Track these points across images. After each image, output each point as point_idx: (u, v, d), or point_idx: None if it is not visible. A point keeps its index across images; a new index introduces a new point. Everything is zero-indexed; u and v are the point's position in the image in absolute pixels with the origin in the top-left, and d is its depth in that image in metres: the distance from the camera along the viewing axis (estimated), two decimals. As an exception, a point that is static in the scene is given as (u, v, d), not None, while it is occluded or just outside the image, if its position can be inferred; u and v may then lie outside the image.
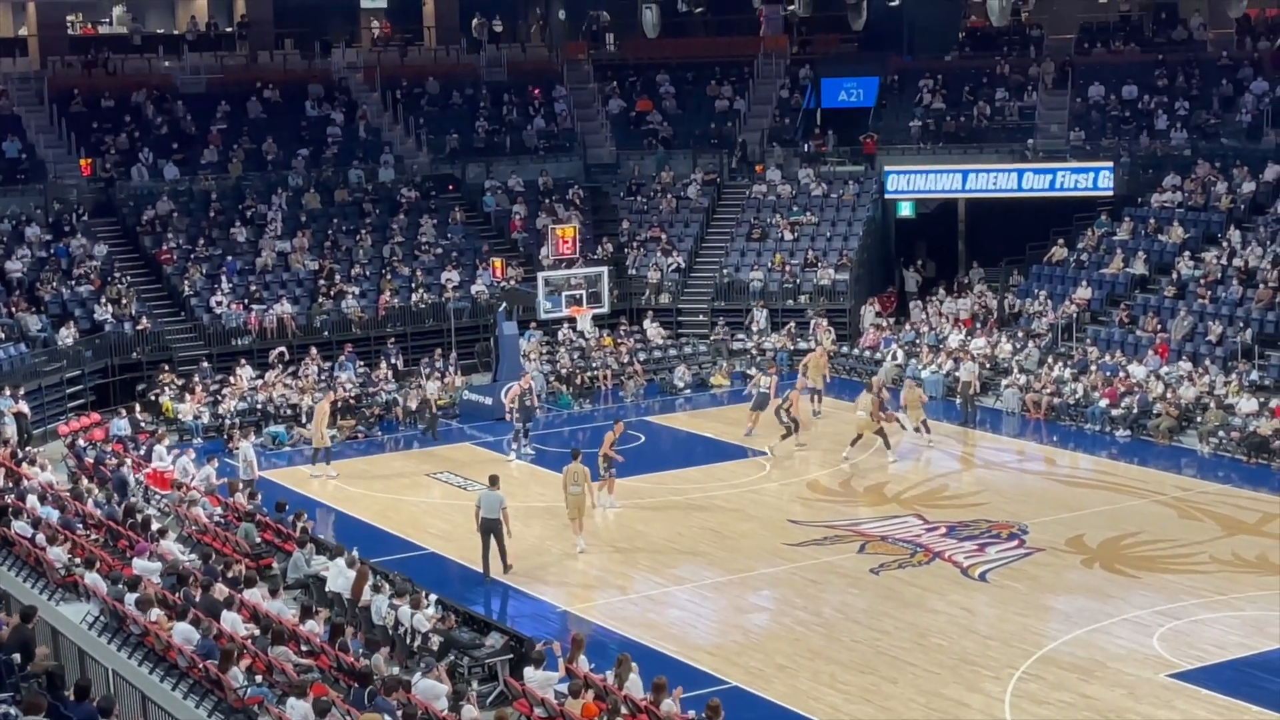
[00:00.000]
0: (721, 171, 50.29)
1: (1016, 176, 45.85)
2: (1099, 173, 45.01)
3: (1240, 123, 46.30)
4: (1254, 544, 27.82)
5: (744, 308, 45.77)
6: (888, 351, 42.55)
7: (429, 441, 37.14)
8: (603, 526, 29.88)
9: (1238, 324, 37.93)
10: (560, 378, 41.53)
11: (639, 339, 44.60)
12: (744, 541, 28.62)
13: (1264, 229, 41.16)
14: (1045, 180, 45.42)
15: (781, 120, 51.51)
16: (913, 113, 50.19)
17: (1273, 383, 35.98)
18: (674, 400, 41.25)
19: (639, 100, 52.79)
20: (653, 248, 47.58)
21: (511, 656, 21.20)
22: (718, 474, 33.41)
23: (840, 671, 22.43)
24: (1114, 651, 22.93)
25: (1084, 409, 37.08)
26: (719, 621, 24.80)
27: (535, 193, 48.87)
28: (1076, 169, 45.41)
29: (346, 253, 45.33)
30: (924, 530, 28.88)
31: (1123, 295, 41.57)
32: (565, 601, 26.09)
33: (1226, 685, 21.44)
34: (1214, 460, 33.81)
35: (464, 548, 28.59)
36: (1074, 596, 25.55)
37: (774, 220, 47.98)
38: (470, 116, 51.32)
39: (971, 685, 21.79)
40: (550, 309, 40.59)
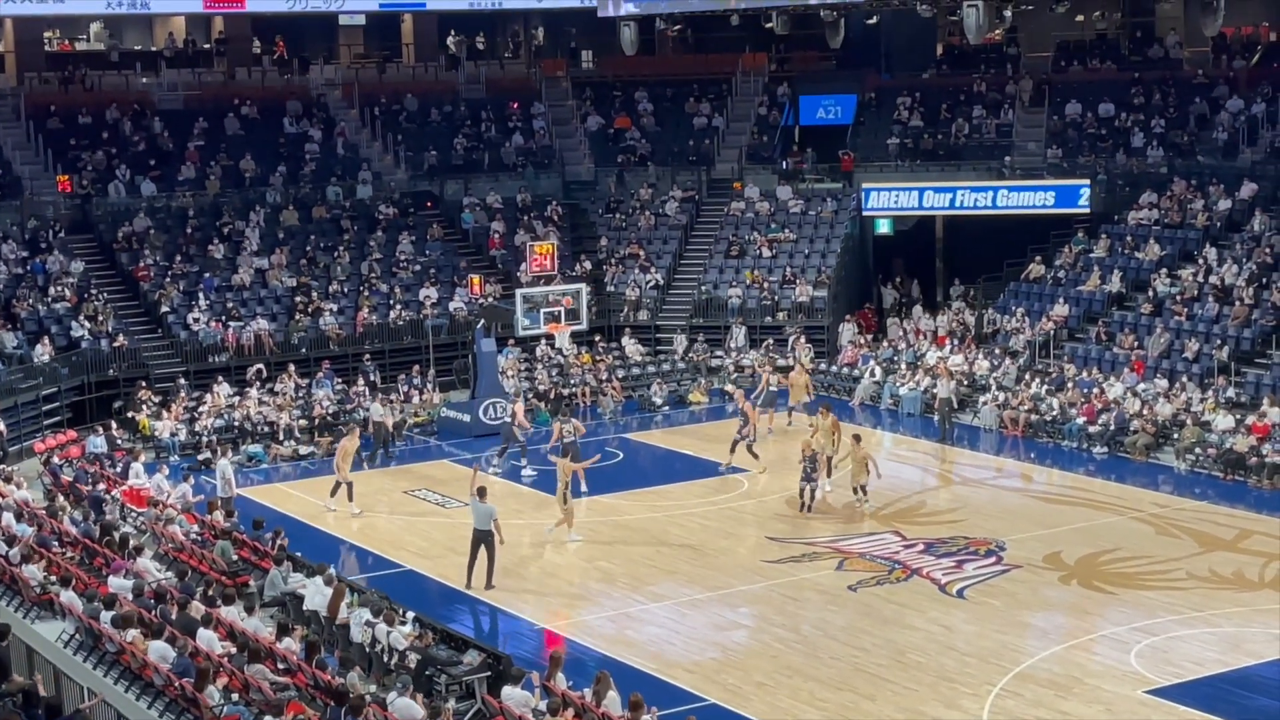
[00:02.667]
0: (700, 188, 50.37)
1: (994, 194, 46.00)
2: (1076, 190, 45.17)
3: (1216, 140, 46.52)
4: (1231, 561, 27.90)
5: (722, 325, 45.81)
6: (866, 369, 42.62)
7: (407, 459, 37.07)
8: (580, 545, 29.79)
9: (1214, 341, 38.08)
10: (538, 394, 41.50)
11: (617, 356, 44.59)
12: (722, 559, 28.60)
13: (1240, 246, 41.33)
14: (1022, 198, 45.55)
15: (760, 137, 51.61)
16: (890, 130, 50.33)
17: (1249, 399, 36.11)
18: (652, 417, 41.24)
19: (617, 117, 52.84)
20: (631, 265, 47.61)
21: (489, 674, 21.13)
22: (696, 491, 33.39)
23: (819, 689, 22.41)
24: (1092, 668, 22.96)
25: (1061, 426, 37.17)
26: (697, 639, 24.76)
27: (513, 209, 48.87)
28: (1054, 187, 45.57)
29: (324, 270, 45.25)
30: (902, 547, 28.90)
31: (1100, 312, 41.69)
32: (544, 619, 26.03)
33: (1204, 702, 21.48)
34: (1191, 477, 33.91)
35: (441, 565, 28.56)
36: (1051, 613, 25.58)
37: (752, 237, 48.05)
38: (448, 133, 51.31)
39: (949, 702, 21.79)
40: (528, 326, 40.56)
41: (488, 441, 37.97)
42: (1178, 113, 48.14)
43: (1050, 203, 45.37)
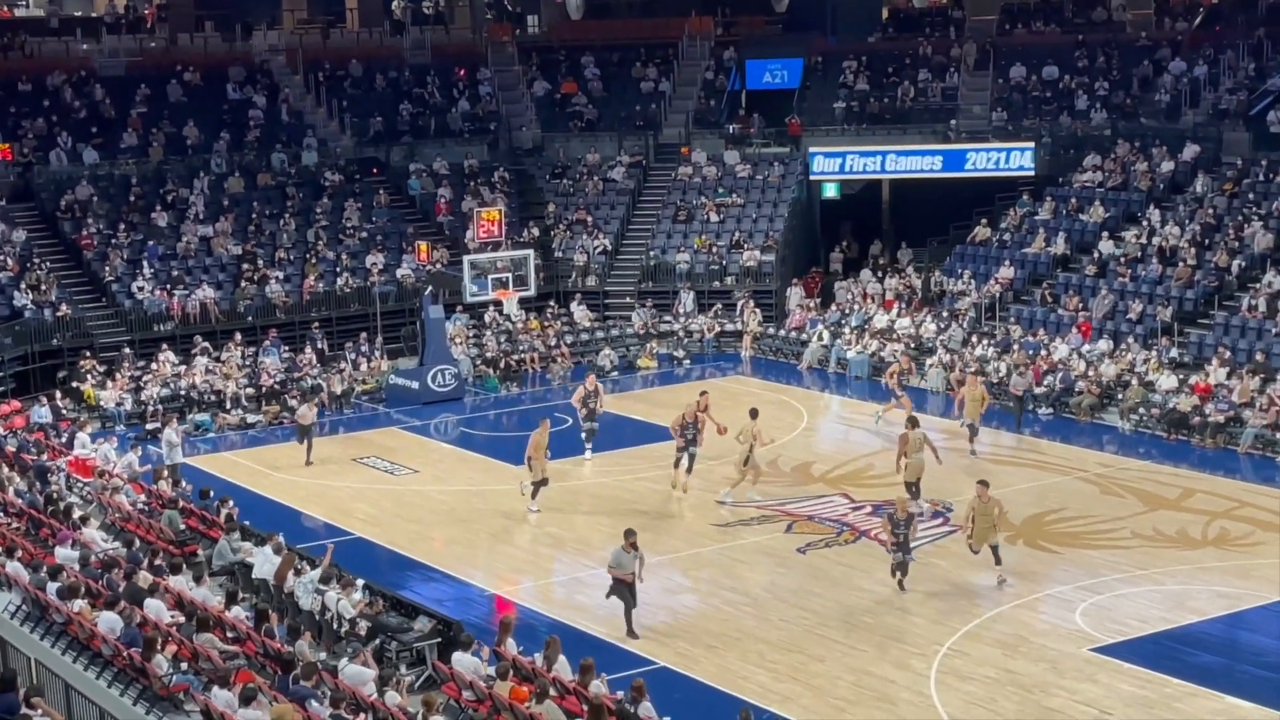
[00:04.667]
0: (647, 154, 50.29)
1: (940, 157, 46.15)
2: (1021, 153, 45.37)
3: (1159, 103, 46.80)
4: (1174, 519, 28.20)
5: (671, 290, 45.83)
6: (813, 333, 42.76)
7: (355, 426, 37.00)
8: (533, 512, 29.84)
9: (1158, 302, 38.40)
10: (487, 361, 41.43)
11: (565, 322, 44.56)
12: (672, 523, 28.70)
13: (1183, 208, 41.66)
14: (968, 160, 45.71)
15: (707, 102, 51.57)
16: (837, 94, 50.39)
17: (1192, 360, 36.46)
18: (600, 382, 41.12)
19: (564, 83, 52.66)
20: (579, 230, 47.53)
21: (440, 640, 21.15)
22: (646, 455, 33.43)
23: (768, 650, 22.54)
24: (1038, 627, 23.19)
25: (1007, 387, 37.39)
26: (647, 603, 24.77)
27: (460, 176, 48.67)
28: (999, 149, 45.75)
29: (270, 237, 44.98)
30: (850, 509, 29.07)
31: (1045, 274, 41.96)
32: (494, 585, 26.05)
33: (1148, 659, 21.73)
34: (1135, 437, 34.23)
35: (391, 532, 28.53)
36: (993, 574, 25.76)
37: (700, 202, 48.05)
38: (394, 99, 51.01)
39: (898, 662, 21.97)
40: (476, 292, 40.43)
41: (437, 409, 37.97)
42: (1121, 75, 48.41)
43: (996, 165, 45.53)
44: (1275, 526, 27.61)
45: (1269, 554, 26.13)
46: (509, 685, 18.83)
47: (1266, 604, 23.96)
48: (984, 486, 25.17)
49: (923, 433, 28.65)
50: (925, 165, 46.25)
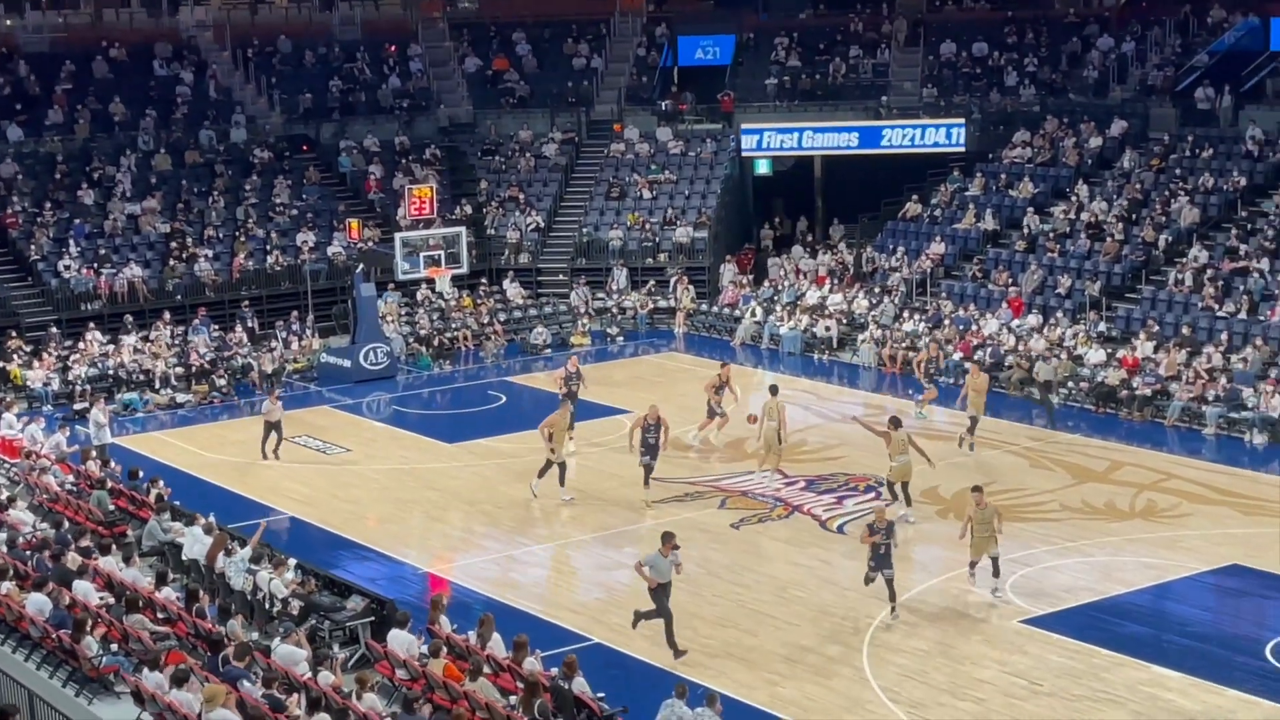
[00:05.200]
0: (579, 130, 50.19)
1: (871, 133, 46.30)
2: (951, 129, 45.60)
3: (1087, 78, 47.16)
4: (1102, 491, 28.51)
5: (604, 267, 45.80)
6: (746, 309, 42.87)
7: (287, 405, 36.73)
8: (464, 486, 29.78)
9: (1086, 277, 38.74)
10: (420, 339, 41.28)
11: (499, 299, 44.44)
12: (606, 500, 28.70)
13: (1110, 183, 42.03)
14: (899, 137, 45.89)
15: (639, 79, 51.50)
16: (769, 70, 50.45)
17: (1120, 334, 36.82)
18: (534, 360, 41.17)
19: (496, 59, 52.42)
20: (511, 207, 47.39)
21: (373, 619, 21.08)
22: (579, 433, 33.29)
23: (702, 626, 22.61)
24: (969, 599, 23.38)
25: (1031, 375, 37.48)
26: (581, 580, 24.88)
27: (391, 153, 48.39)
28: (916, 125, 45.94)
29: (199, 215, 44.57)
30: (783, 485, 29.17)
31: (975, 250, 42.24)
32: (427, 563, 25.99)
33: (1077, 630, 21.98)
34: (1064, 410, 34.51)
35: (324, 511, 28.40)
36: (929, 546, 25.99)
37: (632, 179, 48.02)
38: (324, 76, 50.62)
39: (831, 636, 22.10)
40: (408, 270, 40.25)
41: (369, 387, 37.81)
42: (1050, 52, 48.74)
43: (912, 142, 45.73)
44: (1201, 498, 27.98)
45: (1195, 525, 26.48)
46: (443, 663, 18.80)
47: (1192, 575, 24.29)
48: (979, 493, 23.56)
49: (906, 433, 27.12)
50: (842, 142, 46.36)
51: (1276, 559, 24.75)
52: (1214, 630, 22.49)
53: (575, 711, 18.07)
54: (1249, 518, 26.92)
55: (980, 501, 23.31)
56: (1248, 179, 39.78)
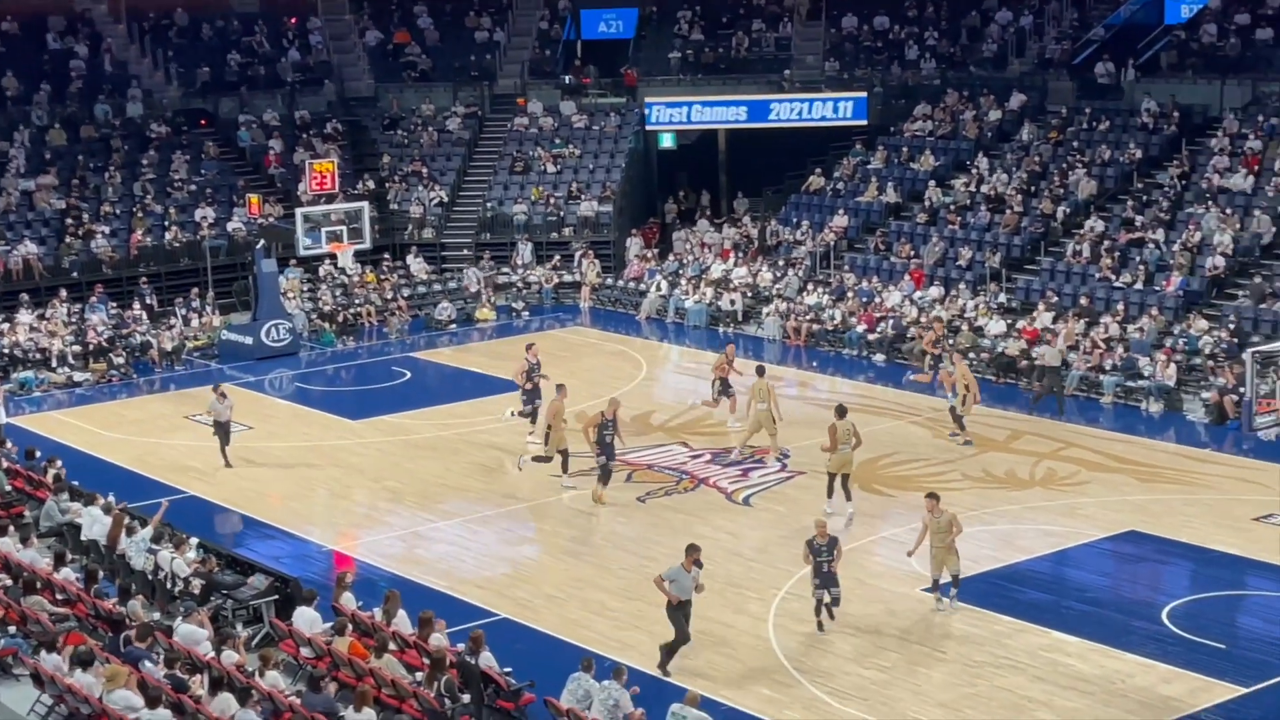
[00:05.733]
0: (483, 104, 49.91)
1: (774, 107, 46.42)
2: (840, 103, 45.84)
3: (986, 52, 47.56)
4: (1003, 461, 28.85)
5: (509, 241, 45.65)
6: (652, 283, 42.91)
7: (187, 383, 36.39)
8: (368, 463, 29.61)
9: (986, 249, 39.12)
10: (322, 315, 40.94)
11: (402, 275, 44.17)
12: (512, 474, 28.63)
13: (1010, 156, 42.44)
14: (802, 110, 46.06)
15: (542, 52, 51.29)
16: (672, 44, 50.43)
17: (1020, 305, 37.24)
18: (439, 335, 40.99)
19: (397, 32, 51.97)
20: (414, 182, 47.08)
21: (277, 597, 20.92)
22: (484, 408, 33.30)
23: (609, 599, 22.66)
24: (873, 569, 23.60)
25: (842, 334, 37.92)
26: (487, 555, 24.84)
27: (291, 127, 47.88)
28: (832, 99, 46.17)
29: (95, 191, 43.87)
30: (689, 457, 29.27)
31: (878, 222, 42.52)
32: (331, 540, 25.83)
33: (979, 598, 22.23)
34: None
35: (226, 490, 28.13)
36: (834, 517, 26.13)
37: (537, 153, 47.85)
38: (221, 49, 49.93)
39: (737, 607, 22.22)
40: (310, 246, 39.88)
41: (271, 364, 37.48)
42: (949, 25, 49.10)
43: (834, 115, 45.94)
44: (1099, 466, 28.40)
45: (1093, 493, 26.89)
46: (348, 640, 18.73)
47: (1090, 541, 24.66)
48: (933, 500, 21.99)
49: (852, 423, 25.64)
50: (760, 115, 46.46)
51: (1172, 525, 25.20)
52: (1112, 595, 22.86)
53: (482, 687, 18.06)
54: (1145, 485, 27.37)
55: (933, 509, 21.82)
56: (1143, 151, 40.33)
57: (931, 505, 21.84)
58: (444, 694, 17.54)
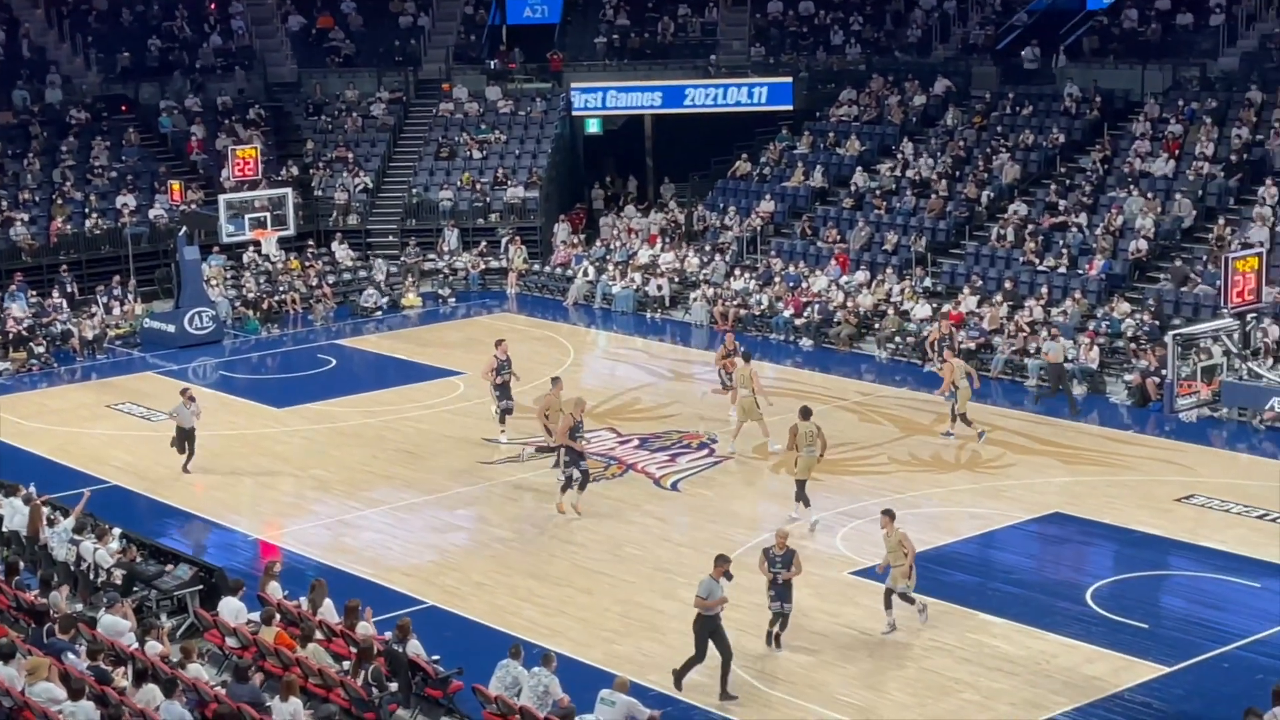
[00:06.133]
0: (407, 90, 49.62)
1: (700, 92, 46.42)
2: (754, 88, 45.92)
3: (911, 38, 47.78)
4: (929, 444, 29.02)
5: (434, 227, 45.44)
6: (579, 268, 42.83)
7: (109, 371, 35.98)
8: (294, 452, 29.39)
9: (912, 233, 39.33)
10: (246, 302, 40.59)
11: (327, 261, 43.85)
12: (439, 462, 28.53)
13: (934, 141, 42.69)
14: (728, 95, 46.09)
15: (467, 37, 51.04)
16: (598, 29, 50.33)
17: (945, 289, 37.47)
18: (365, 322, 40.74)
19: (320, 17, 51.53)
20: (339, 168, 46.74)
21: (202, 588, 20.74)
22: (411, 395, 33.17)
23: (537, 586, 22.62)
24: (801, 553, 23.58)
25: (769, 319, 38.02)
26: (415, 543, 24.72)
27: (214, 113, 47.40)
28: (758, 84, 46.22)
29: (13, 178, 43.29)
30: (617, 443, 29.25)
31: (804, 207, 42.64)
32: (257, 529, 25.63)
33: (906, 580, 22.36)
34: (891, 365, 35.10)
35: (149, 481, 27.84)
36: (762, 501, 26.29)
37: (462, 139, 47.63)
38: (142, 34, 49.33)
39: (666, 592, 22.23)
40: (233, 233, 39.50)
41: (194, 352, 37.14)
42: (874, 10, 49.29)
43: (756, 100, 46.00)
44: (1024, 449, 28.64)
45: (1018, 475, 27.11)
46: (274, 630, 18.58)
47: (1016, 523, 24.87)
48: (886, 518, 21.06)
49: (816, 425, 24.81)
50: (686, 100, 46.43)
51: (1096, 506, 25.45)
52: (1037, 577, 23.07)
53: (409, 675, 17.99)
54: (1070, 466, 27.62)
55: (885, 525, 20.97)
56: (1066, 135, 40.66)
57: (884, 523, 21.02)
58: (371, 683, 17.45)
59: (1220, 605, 21.72)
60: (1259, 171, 36.71)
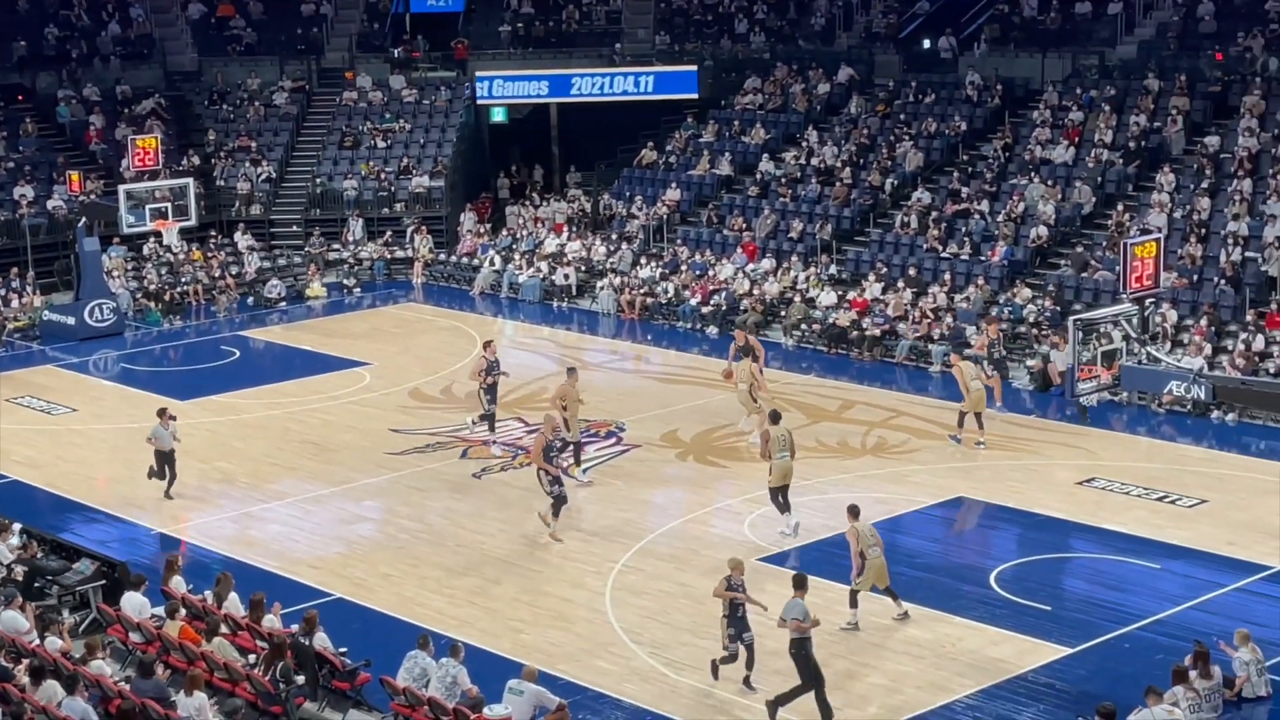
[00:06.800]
0: (310, 78, 49.19)
1: (605, 80, 46.36)
2: (684, 76, 45.97)
3: (814, 25, 48.00)
4: (835, 430, 29.22)
5: (339, 217, 45.10)
6: (485, 258, 42.70)
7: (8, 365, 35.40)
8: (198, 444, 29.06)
9: (817, 221, 39.56)
10: (148, 294, 40.10)
11: (230, 252, 43.39)
12: (345, 453, 28.36)
13: (839, 129, 42.93)
14: (633, 83, 46.07)
15: (370, 25, 50.67)
16: (502, 18, 50.15)
17: (850, 276, 37.72)
18: (269, 313, 40.37)
19: (221, 5, 50.91)
20: (241, 158, 46.25)
21: (105, 582, 20.47)
22: (316, 387, 32.94)
23: (446, 576, 22.56)
24: (709, 539, 23.77)
25: (676, 308, 38.10)
26: (321, 534, 24.56)
27: (113, 102, 46.74)
28: (663, 73, 46.24)
29: (-94, 169, 42.53)
30: (525, 433, 29.19)
31: (710, 196, 42.76)
32: (161, 523, 25.34)
33: (811, 565, 22.42)
34: (798, 352, 35.28)
35: (50, 475, 27.45)
36: (670, 489, 26.35)
37: (366, 128, 47.30)
38: (38, 22, 48.49)
39: (575, 581, 22.25)
40: (134, 223, 38.99)
41: (95, 345, 36.67)
42: (779, -1, 49.50)
43: (661, 88, 46.00)
44: (928, 434, 28.90)
45: (923, 460, 27.37)
46: (179, 624, 18.39)
47: (920, 508, 25.11)
48: (851, 515, 20.85)
49: (787, 430, 24.13)
50: (591, 88, 46.36)
51: (999, 490, 25.76)
52: (942, 561, 23.31)
53: (317, 668, 17.87)
54: (973, 451, 27.90)
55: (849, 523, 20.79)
56: (968, 123, 41.04)
57: (848, 518, 20.84)
58: (278, 677, 17.32)
59: (1121, 587, 22.06)
60: (1157, 158, 37.26)
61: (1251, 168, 35.36)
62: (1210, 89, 38.56)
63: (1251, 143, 35.96)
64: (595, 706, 18.57)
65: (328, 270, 43.01)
